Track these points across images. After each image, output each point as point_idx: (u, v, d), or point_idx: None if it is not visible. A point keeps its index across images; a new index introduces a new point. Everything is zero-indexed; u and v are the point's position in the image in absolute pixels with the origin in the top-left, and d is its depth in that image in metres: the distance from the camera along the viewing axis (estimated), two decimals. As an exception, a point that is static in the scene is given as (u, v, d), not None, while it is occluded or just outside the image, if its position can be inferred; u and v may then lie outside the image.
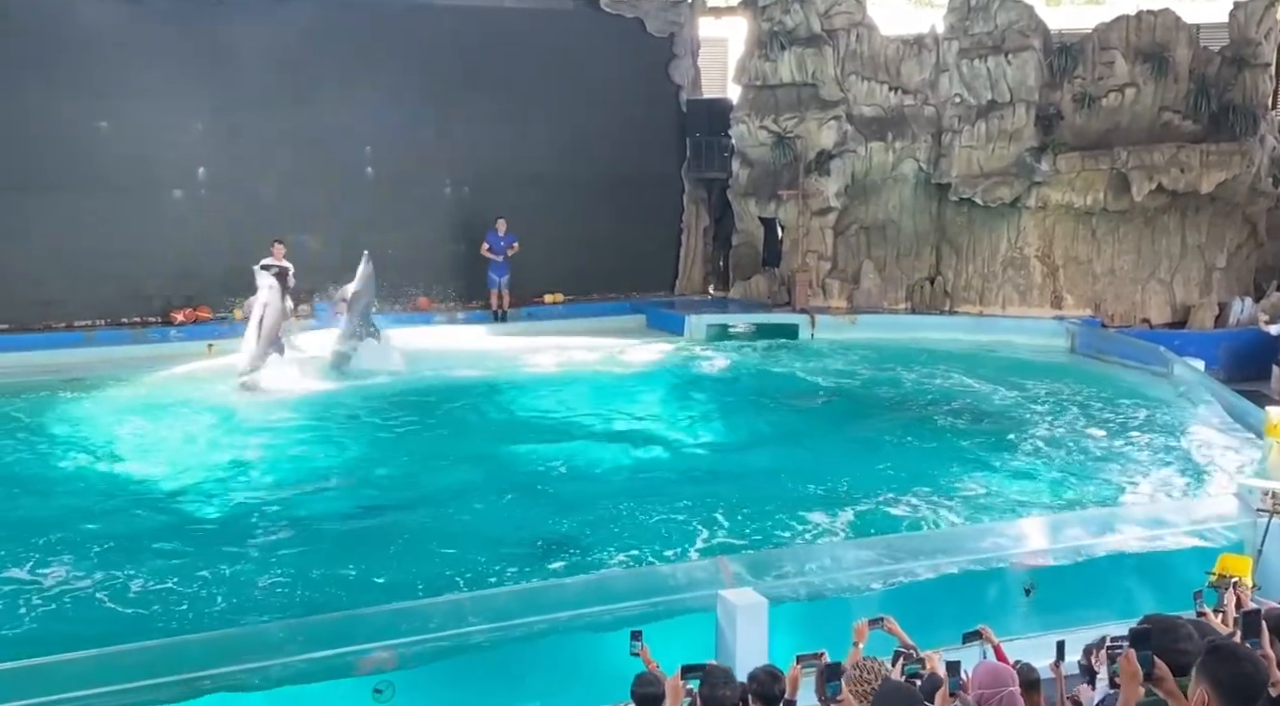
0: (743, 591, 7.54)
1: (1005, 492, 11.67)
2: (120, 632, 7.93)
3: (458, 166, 20.62)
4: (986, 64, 19.52)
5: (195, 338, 17.99)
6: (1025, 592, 8.58)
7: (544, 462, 12.80)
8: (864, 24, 20.48)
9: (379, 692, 6.73)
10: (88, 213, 17.93)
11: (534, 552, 9.85)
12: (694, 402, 15.68)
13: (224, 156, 18.83)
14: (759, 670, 4.92)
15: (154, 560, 9.52)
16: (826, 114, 20.25)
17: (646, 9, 21.72)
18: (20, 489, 11.51)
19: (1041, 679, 5.70)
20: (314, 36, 19.12)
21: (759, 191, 21.07)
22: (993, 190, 19.32)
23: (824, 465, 12.27)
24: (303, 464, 12.71)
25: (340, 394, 15.72)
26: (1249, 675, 3.27)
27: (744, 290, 21.54)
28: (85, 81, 17.74)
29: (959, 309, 19.98)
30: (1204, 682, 3.30)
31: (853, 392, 16.18)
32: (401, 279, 20.20)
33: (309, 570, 9.40)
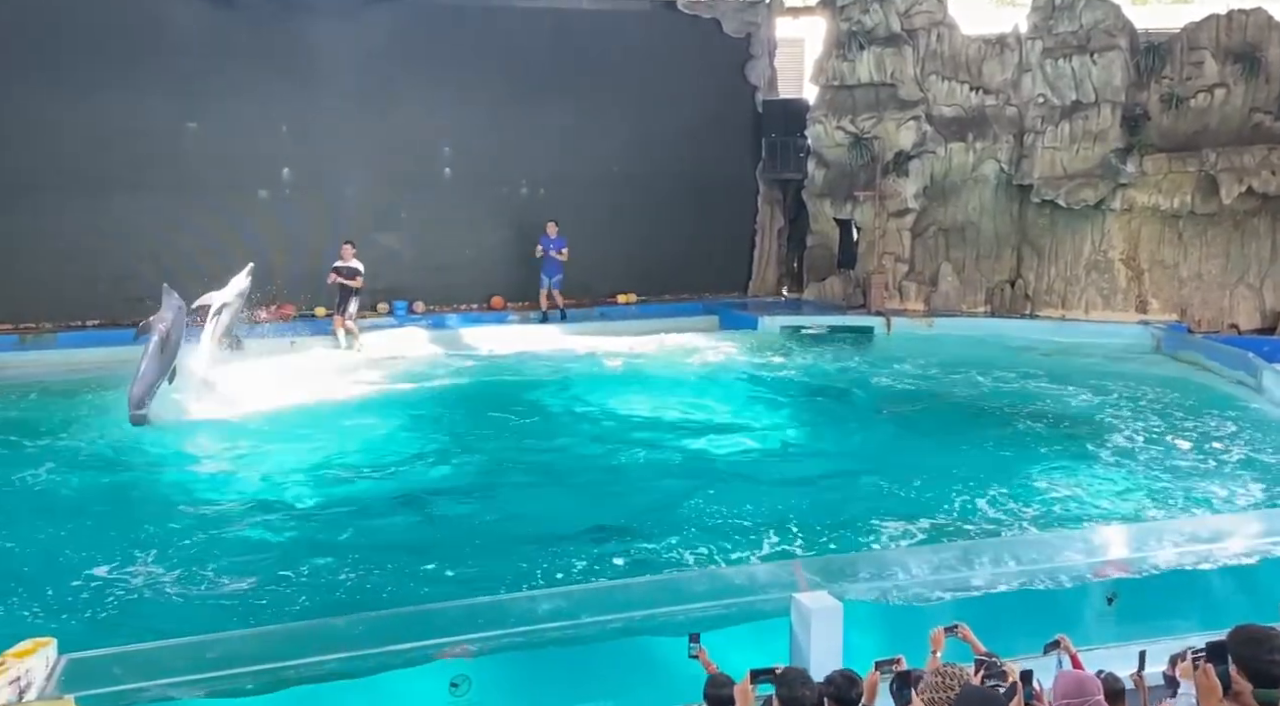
0: (817, 594, 7.48)
1: (1086, 499, 11.44)
2: (200, 625, 8.13)
3: (533, 167, 20.78)
4: (1071, 64, 19.18)
5: (278, 334, 18.32)
6: (1108, 601, 8.41)
7: (614, 462, 12.85)
8: (945, 23, 20.25)
9: (455, 686, 6.80)
10: (176, 211, 18.41)
11: (603, 552, 9.88)
12: (765, 404, 15.61)
13: (307, 157, 19.20)
14: (836, 673, 4.89)
15: (235, 553, 9.72)
16: (905, 114, 20.06)
17: (723, 9, 21.69)
18: (108, 481, 11.82)
19: (1125, 689, 5.60)
20: (395, 39, 19.42)
21: (835, 192, 20.93)
22: (1076, 192, 18.98)
23: (898, 469, 12.13)
24: (377, 460, 12.88)
25: (409, 392, 15.89)
26: None
27: (818, 292, 21.41)
28: (176, 83, 18.22)
29: (1040, 312, 19.66)
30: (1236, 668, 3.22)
31: (928, 396, 16.00)
32: (476, 278, 20.49)
33: (386, 564, 9.53)
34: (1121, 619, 8.38)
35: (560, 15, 20.67)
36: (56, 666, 5.96)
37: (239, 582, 9.05)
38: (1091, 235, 19.25)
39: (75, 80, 17.56)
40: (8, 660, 5.67)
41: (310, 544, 10.03)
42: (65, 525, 10.24)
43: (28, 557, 9.50)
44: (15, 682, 5.59)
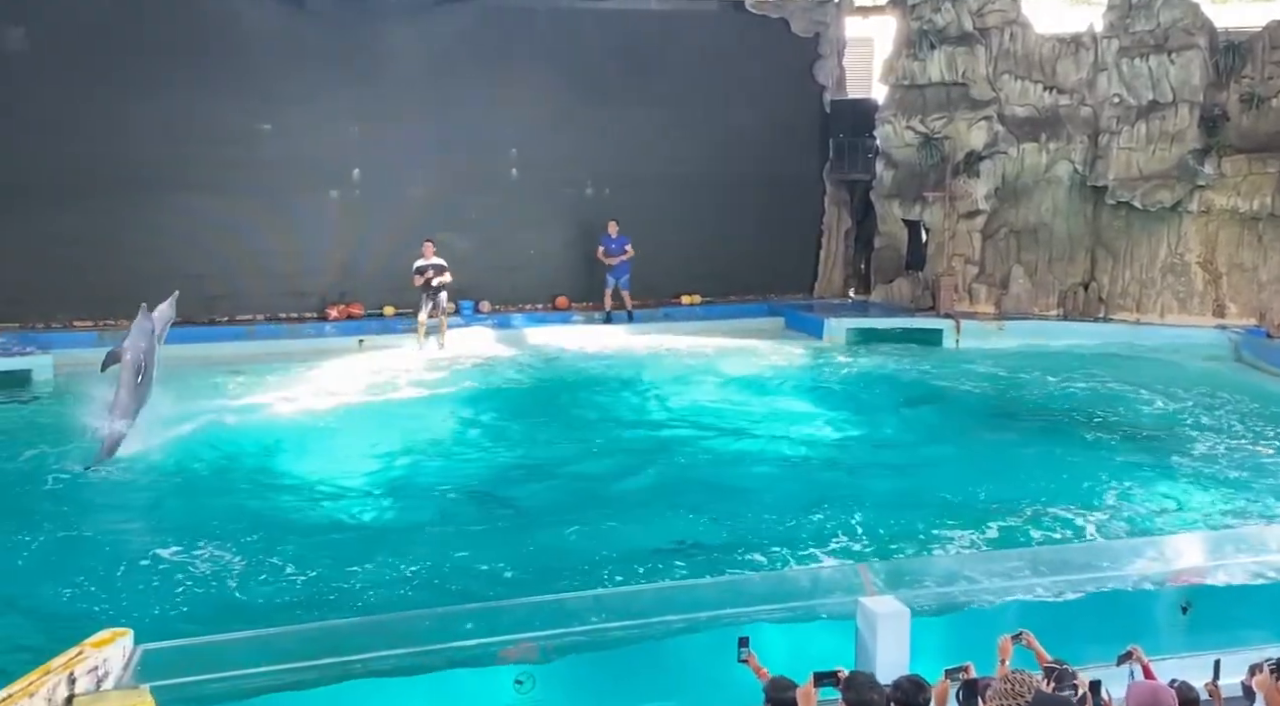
0: (884, 599, 7.41)
1: (1159, 508, 11.21)
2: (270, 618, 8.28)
3: (600, 167, 20.83)
4: (1148, 63, 18.81)
5: (347, 333, 18.64)
6: (1182, 611, 8.22)
7: (677, 463, 12.85)
8: (1018, 22, 19.96)
9: (519, 684, 6.83)
10: (250, 212, 18.72)
11: (666, 553, 9.88)
12: (830, 406, 15.48)
13: (377, 158, 19.43)
14: (903, 679, 4.84)
15: (302, 547, 9.86)
16: (977, 114, 19.80)
17: (792, 9, 21.56)
18: (182, 477, 12.06)
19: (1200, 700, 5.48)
20: (464, 40, 19.59)
21: (903, 193, 20.73)
22: (1153, 193, 18.61)
23: (966, 474, 11.98)
24: (443, 458, 13.01)
25: (474, 390, 16.01)
26: None
27: (885, 294, 21.21)
28: (251, 86, 18.54)
29: (1114, 316, 19.31)
30: None
31: (997, 400, 15.77)
32: (543, 278, 20.60)
33: (448, 561, 9.63)
34: (1197, 628, 8.20)
35: (627, 16, 20.71)
36: (133, 657, 6.08)
37: (307, 576, 9.18)
38: (1168, 237, 18.86)
39: (153, 83, 17.93)
40: (86, 649, 5.80)
41: (374, 540, 10.15)
42: (139, 518, 10.48)
43: (102, 549, 9.70)
44: (93, 672, 5.72)
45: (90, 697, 5.58)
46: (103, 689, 5.76)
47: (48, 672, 5.52)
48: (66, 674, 5.55)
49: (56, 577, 9.04)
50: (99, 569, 9.17)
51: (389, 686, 6.83)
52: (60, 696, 5.49)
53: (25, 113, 17.36)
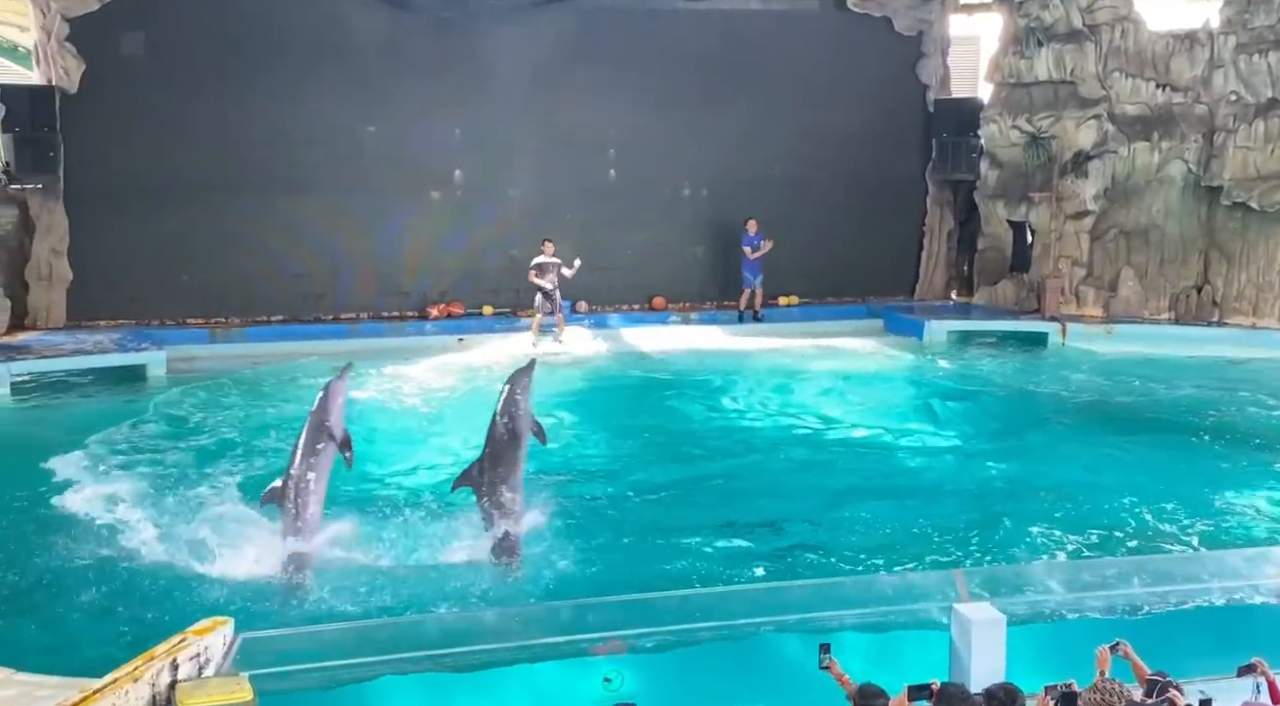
0: (980, 606, 7.26)
1: (1269, 517, 10.79)
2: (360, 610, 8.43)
3: (698, 169, 20.82)
4: (1267, 59, 18.15)
5: (447, 332, 18.95)
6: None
7: (773, 465, 12.77)
8: (1130, 18, 19.40)
9: (608, 681, 6.87)
10: (354, 212, 19.18)
11: (759, 554, 9.83)
12: (929, 411, 15.24)
13: (478, 159, 19.72)
14: (996, 686, 4.75)
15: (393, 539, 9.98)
16: (1086, 113, 19.30)
17: (895, 7, 21.28)
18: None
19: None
20: (563, 42, 19.73)
21: (1008, 194, 20.30)
22: (1271, 194, 17.93)
23: (1069, 481, 11.68)
24: (539, 455, 13.11)
25: (572, 388, 16.11)
26: None
27: (989, 296, 20.80)
28: (356, 87, 18.97)
29: (1229, 320, 18.65)
30: None
31: (1104, 407, 15.33)
32: (639, 279, 20.67)
33: (538, 557, 9.70)
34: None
35: (728, 16, 20.66)
36: (233, 645, 6.25)
37: (400, 568, 9.31)
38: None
39: (261, 86, 18.48)
40: (189, 637, 5.98)
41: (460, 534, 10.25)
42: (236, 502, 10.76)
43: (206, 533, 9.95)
44: (195, 659, 5.90)
45: (192, 684, 5.75)
46: (204, 676, 5.93)
47: (152, 659, 5.71)
48: (169, 660, 5.74)
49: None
50: (202, 554, 9.40)
51: (480, 680, 6.92)
52: (163, 682, 5.67)
53: (143, 116, 18.05)
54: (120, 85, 17.90)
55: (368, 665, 6.45)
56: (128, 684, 5.45)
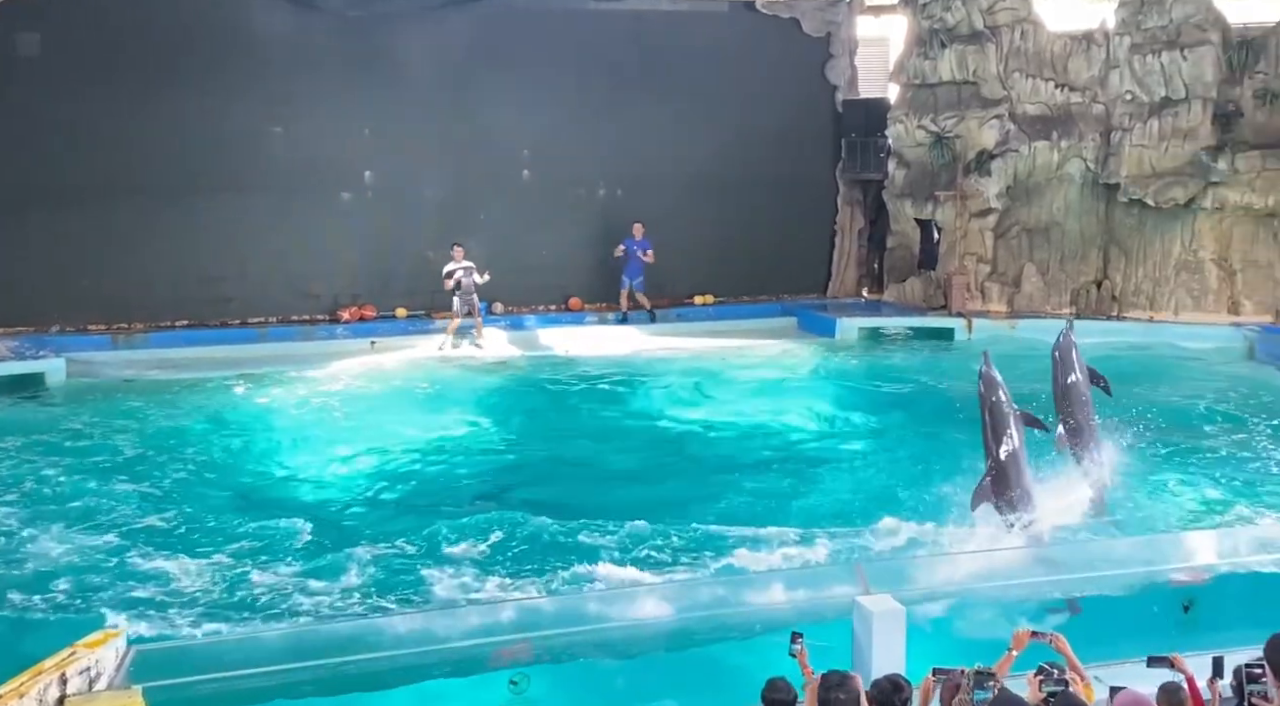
0: (880, 597, 7.38)
1: (1171, 505, 11.13)
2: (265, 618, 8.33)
3: (611, 168, 20.85)
4: (1160, 59, 18.68)
5: (359, 335, 18.73)
6: (1184, 609, 8.16)
7: (685, 462, 12.92)
8: (1029, 20, 19.85)
9: (514, 685, 6.84)
10: (262, 214, 18.87)
11: (666, 552, 9.88)
12: (840, 407, 15.45)
13: (389, 160, 19.52)
14: (881, 678, 4.83)
15: (294, 546, 9.92)
16: (988, 113, 19.71)
17: (803, 9, 21.54)
18: (191, 476, 12.13)
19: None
20: (475, 42, 19.65)
21: (916, 192, 20.65)
22: (1166, 191, 18.47)
23: (971, 475, 11.90)
24: (450, 459, 13.07)
25: (484, 390, 16.08)
26: None
27: (898, 293, 21.14)
28: (262, 88, 18.67)
29: (1127, 314, 19.17)
30: None
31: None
32: (555, 279, 20.63)
33: (446, 559, 9.67)
34: (1199, 627, 8.14)
35: (639, 16, 20.72)
36: (125, 658, 6.12)
37: (300, 576, 9.21)
38: (1181, 235, 18.72)
39: (164, 85, 18.07)
40: (78, 650, 5.83)
41: (368, 537, 10.18)
42: (135, 515, 10.55)
43: (96, 549, 9.75)
44: (85, 673, 5.75)
45: (82, 698, 5.62)
46: (95, 690, 5.79)
47: (39, 673, 5.55)
48: (58, 674, 5.59)
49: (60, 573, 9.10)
50: (91, 569, 9.20)
51: (383, 686, 6.86)
52: (52, 697, 5.52)
53: (39, 117, 17.55)
54: (16, 86, 17.42)
55: (265, 674, 6.35)
56: (13, 700, 5.30)
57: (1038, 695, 5.10)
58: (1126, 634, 7.81)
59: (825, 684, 4.69)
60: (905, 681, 4.85)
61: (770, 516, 10.65)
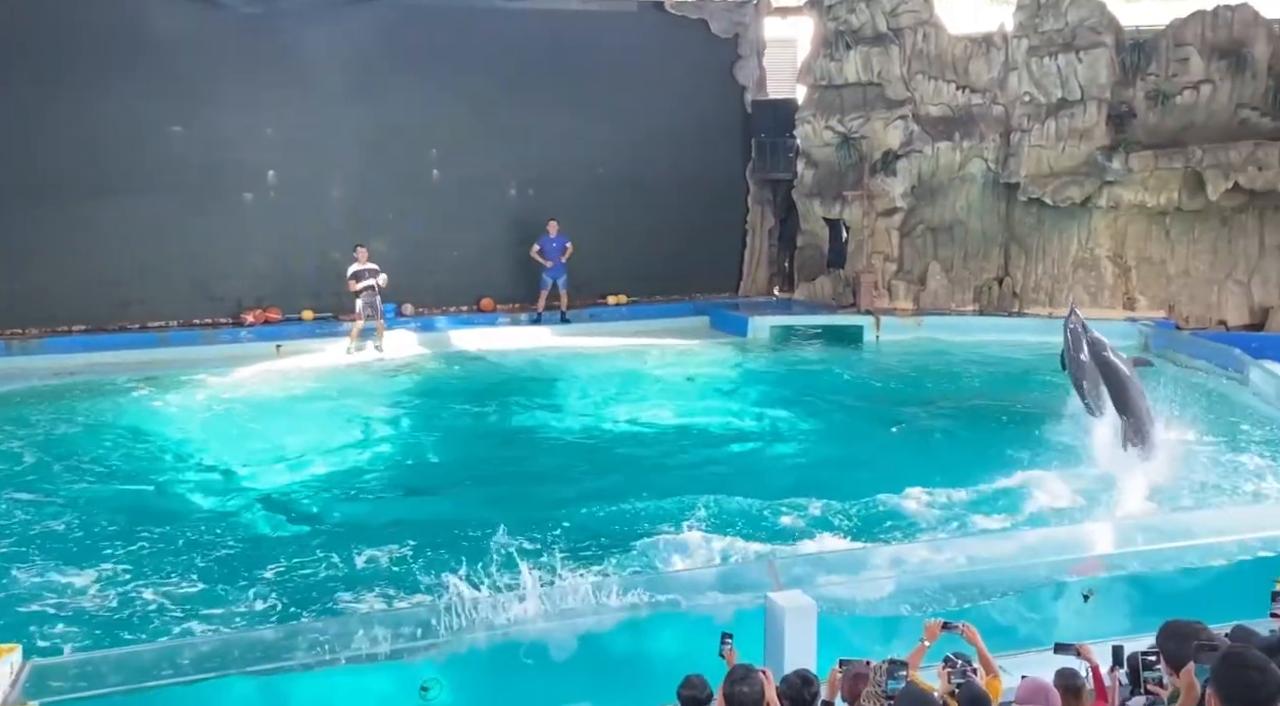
0: (791, 593, 7.47)
1: (1072, 498, 11.42)
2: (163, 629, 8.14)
3: (523, 168, 20.75)
4: (1057, 62, 19.16)
5: (264, 338, 18.35)
6: (1084, 598, 8.40)
7: (597, 461, 12.89)
8: (931, 22, 20.22)
9: (425, 690, 6.78)
10: (162, 215, 18.40)
11: (579, 551, 9.87)
12: (752, 404, 15.60)
13: (294, 159, 19.18)
14: (791, 673, 4.88)
15: (197, 555, 9.72)
16: (892, 114, 20.04)
17: (711, 9, 21.68)
18: (90, 486, 11.80)
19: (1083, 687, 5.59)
20: (382, 40, 19.40)
21: (824, 192, 20.91)
22: (1063, 190, 18.96)
23: (881, 468, 12.13)
24: (356, 458, 12.90)
25: (393, 393, 15.92)
26: (1255, 684, 3.15)
27: (808, 292, 21.39)
28: (162, 86, 18.20)
29: (1028, 310, 19.63)
30: (1211, 687, 3.21)
31: (912, 394, 15.99)
32: (467, 280, 20.48)
33: (357, 564, 9.56)
34: (1100, 615, 8.38)
35: (548, 16, 20.64)
36: (21, 673, 5.93)
37: (200, 584, 9.03)
38: (1078, 233, 19.24)
39: (60, 84, 17.54)
40: (-29, 666, 5.64)
41: (272, 545, 10.03)
42: (29, 526, 10.24)
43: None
44: (-22, 688, 5.57)
45: (-27, 715, 5.43)
46: (-12, 707, 5.61)
47: (-72, 691, 5.36)
48: (-52, 692, 5.40)
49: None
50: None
51: (291, 695, 6.74)
52: (-59, 715, 5.33)
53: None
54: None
55: (170, 688, 6.20)
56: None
57: (947, 686, 5.21)
58: (1028, 623, 8.03)
59: (730, 678, 4.73)
60: (814, 676, 4.91)
61: (684, 515, 10.68)
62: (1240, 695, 3.15)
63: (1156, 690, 4.71)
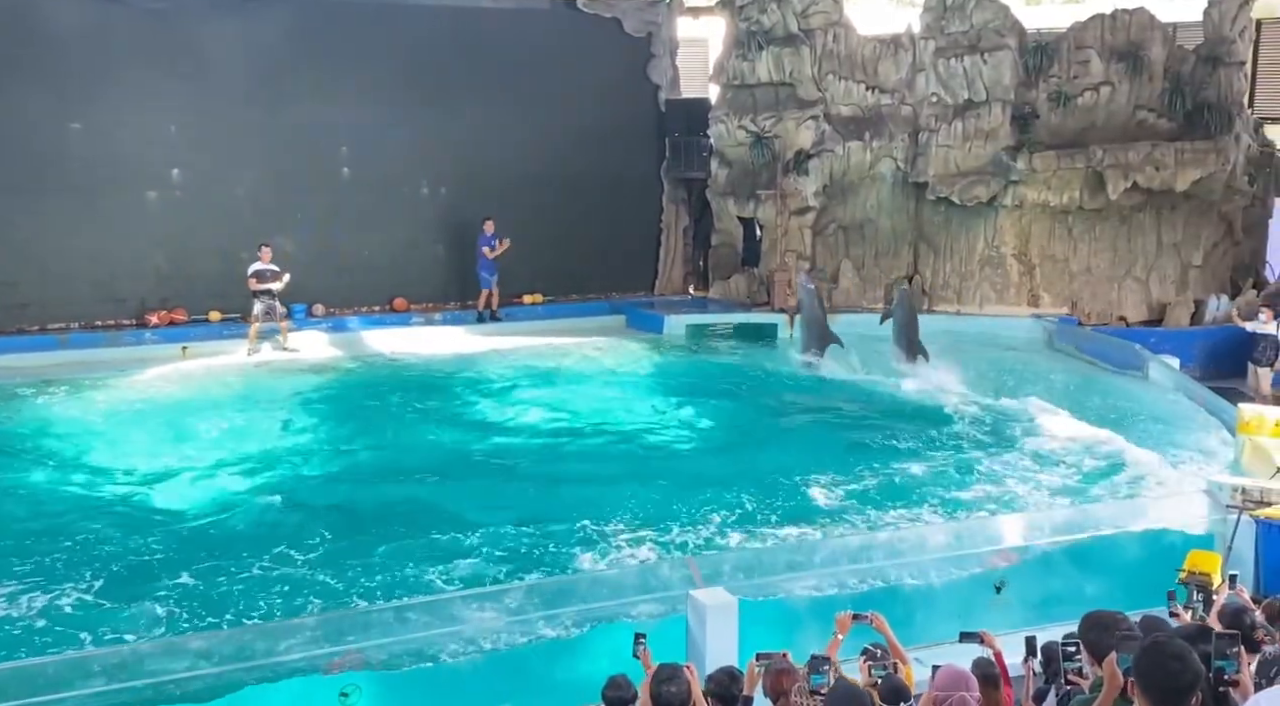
0: (713, 591, 7.53)
1: (977, 492, 11.68)
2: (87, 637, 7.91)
3: (435, 167, 20.55)
4: (963, 63, 19.55)
5: (170, 340, 17.91)
6: (996, 590, 8.60)
7: (512, 463, 12.84)
8: (841, 23, 20.49)
9: (345, 696, 6.69)
10: (61, 214, 17.83)
11: (497, 554, 9.83)
12: (668, 403, 15.66)
13: (198, 158, 18.74)
14: (718, 671, 4.92)
15: (120, 564, 9.47)
16: (804, 113, 20.26)
17: (624, 8, 21.69)
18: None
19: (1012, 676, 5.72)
20: (290, 37, 19.04)
21: (738, 191, 21.07)
22: (969, 189, 19.36)
23: (794, 464, 12.27)
24: (268, 467, 12.66)
25: (304, 395, 15.66)
26: (1175, 672, 3.26)
27: (723, 290, 21.53)
28: (58, 82, 17.63)
29: (936, 308, 19.97)
30: (1134, 677, 3.31)
31: (826, 392, 16.20)
32: (379, 280, 20.21)
33: (265, 569, 9.40)
34: (1011, 607, 8.58)
35: (459, 13, 20.45)
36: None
37: (107, 595, 8.80)
38: (984, 231, 19.65)
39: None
40: None
41: (180, 553, 9.81)
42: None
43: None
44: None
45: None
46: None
47: None
48: None
49: None
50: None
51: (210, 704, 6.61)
52: None
53: None
54: None
55: (81, 698, 6.03)
56: None
57: (868, 678, 5.29)
58: (947, 615, 8.18)
59: (657, 677, 4.74)
60: (740, 672, 4.95)
61: (603, 513, 10.71)
62: (1161, 683, 3.24)
63: (1077, 679, 4.82)
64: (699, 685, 5.07)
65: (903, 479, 11.95)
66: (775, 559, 8.46)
